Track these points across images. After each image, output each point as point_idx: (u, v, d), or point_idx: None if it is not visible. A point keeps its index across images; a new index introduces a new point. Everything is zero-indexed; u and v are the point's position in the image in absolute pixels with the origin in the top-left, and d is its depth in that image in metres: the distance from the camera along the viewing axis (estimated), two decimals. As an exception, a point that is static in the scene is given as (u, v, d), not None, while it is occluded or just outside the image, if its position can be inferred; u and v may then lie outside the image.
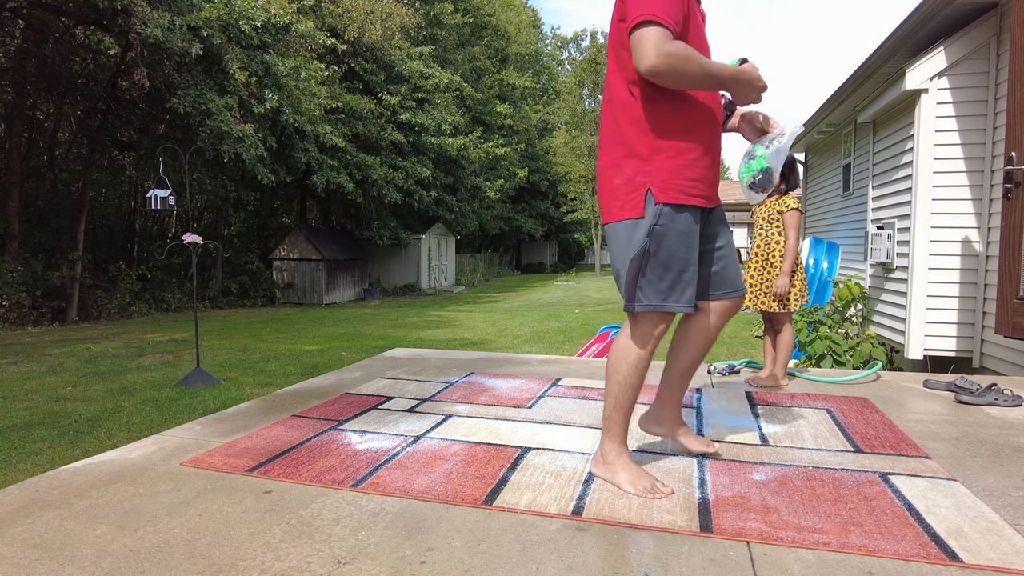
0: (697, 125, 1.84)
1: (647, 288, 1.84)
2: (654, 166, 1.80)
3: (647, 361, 1.91)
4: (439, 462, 2.12)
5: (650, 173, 1.80)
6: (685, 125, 1.82)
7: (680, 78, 1.70)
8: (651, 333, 1.88)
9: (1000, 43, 4.68)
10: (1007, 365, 4.42)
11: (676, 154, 1.81)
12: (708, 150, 1.87)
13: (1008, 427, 2.51)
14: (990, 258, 4.72)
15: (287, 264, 16.18)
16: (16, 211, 11.00)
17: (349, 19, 15.47)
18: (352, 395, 3.08)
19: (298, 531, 1.63)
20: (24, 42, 11.22)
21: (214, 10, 10.48)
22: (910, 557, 1.47)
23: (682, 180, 1.81)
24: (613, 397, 1.92)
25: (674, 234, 1.81)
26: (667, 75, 1.68)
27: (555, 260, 37.96)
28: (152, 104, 11.86)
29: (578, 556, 1.49)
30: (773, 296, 3.26)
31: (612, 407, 1.92)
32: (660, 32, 1.65)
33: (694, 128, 1.83)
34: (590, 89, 30.12)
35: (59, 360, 7.04)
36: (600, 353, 4.97)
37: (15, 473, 3.41)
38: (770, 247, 3.32)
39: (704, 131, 1.86)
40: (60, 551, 1.53)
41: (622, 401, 1.91)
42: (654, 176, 1.80)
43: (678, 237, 1.82)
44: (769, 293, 3.30)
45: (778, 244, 3.30)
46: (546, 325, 10.89)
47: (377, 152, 16.40)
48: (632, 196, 1.82)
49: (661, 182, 1.80)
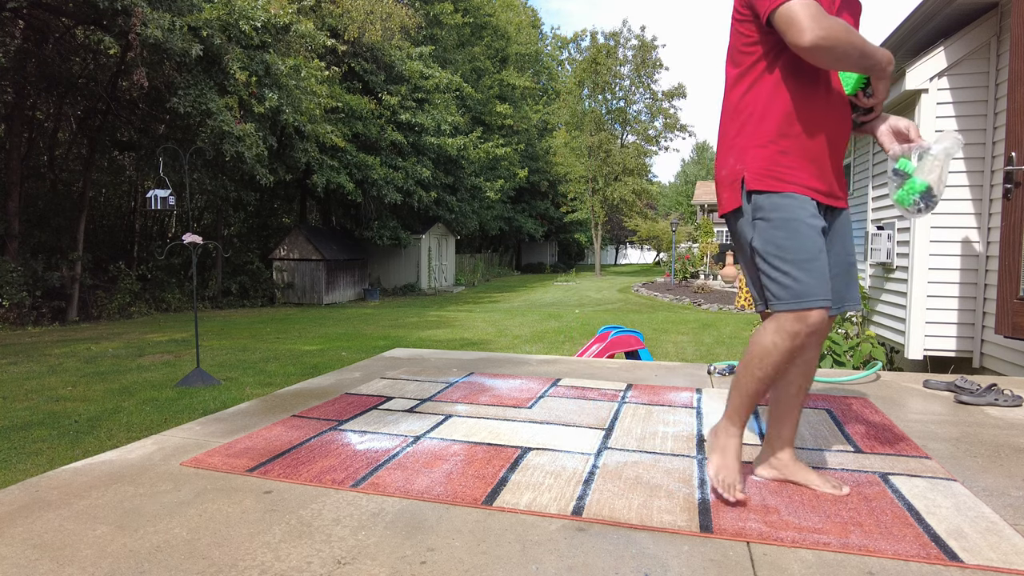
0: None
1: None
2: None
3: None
4: (439, 462, 2.12)
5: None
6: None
7: (840, 56, 1.60)
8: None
9: (1000, 43, 4.68)
10: (1007, 365, 4.42)
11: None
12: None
13: (1008, 427, 2.51)
14: (990, 258, 4.72)
15: (287, 264, 16.19)
16: (16, 211, 11.00)
17: (349, 19, 15.48)
18: (352, 395, 3.08)
19: (298, 531, 1.63)
20: (24, 42, 11.22)
21: (214, 10, 10.49)
22: (910, 557, 1.47)
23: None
24: (739, 378, 1.82)
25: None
26: (826, 50, 1.57)
27: (555, 260, 37.98)
28: (152, 104, 11.86)
29: (578, 556, 1.49)
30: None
31: (735, 388, 1.84)
32: (813, 4, 1.57)
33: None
34: (590, 89, 30.15)
35: (59, 360, 7.04)
36: (600, 353, 4.97)
37: (15, 473, 3.41)
38: None
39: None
40: (60, 551, 1.53)
41: (743, 384, 1.80)
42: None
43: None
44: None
45: None
46: (546, 325, 10.89)
47: (377, 152, 16.40)
48: None
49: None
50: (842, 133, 1.81)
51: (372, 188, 15.90)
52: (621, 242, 46.61)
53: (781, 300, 1.68)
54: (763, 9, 1.64)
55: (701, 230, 23.21)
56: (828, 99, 1.76)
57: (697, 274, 20.70)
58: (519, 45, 32.05)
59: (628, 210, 29.84)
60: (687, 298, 15.73)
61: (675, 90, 30.72)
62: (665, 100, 30.94)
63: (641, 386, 3.26)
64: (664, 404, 2.88)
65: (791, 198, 1.69)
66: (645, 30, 44.15)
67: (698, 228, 24.53)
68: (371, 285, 18.61)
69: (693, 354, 7.90)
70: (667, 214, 38.86)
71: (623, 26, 31.90)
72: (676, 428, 2.50)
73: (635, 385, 3.28)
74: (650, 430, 2.48)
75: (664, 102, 30.95)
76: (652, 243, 29.79)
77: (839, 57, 1.60)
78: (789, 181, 1.70)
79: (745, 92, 1.77)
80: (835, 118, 1.78)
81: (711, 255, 21.12)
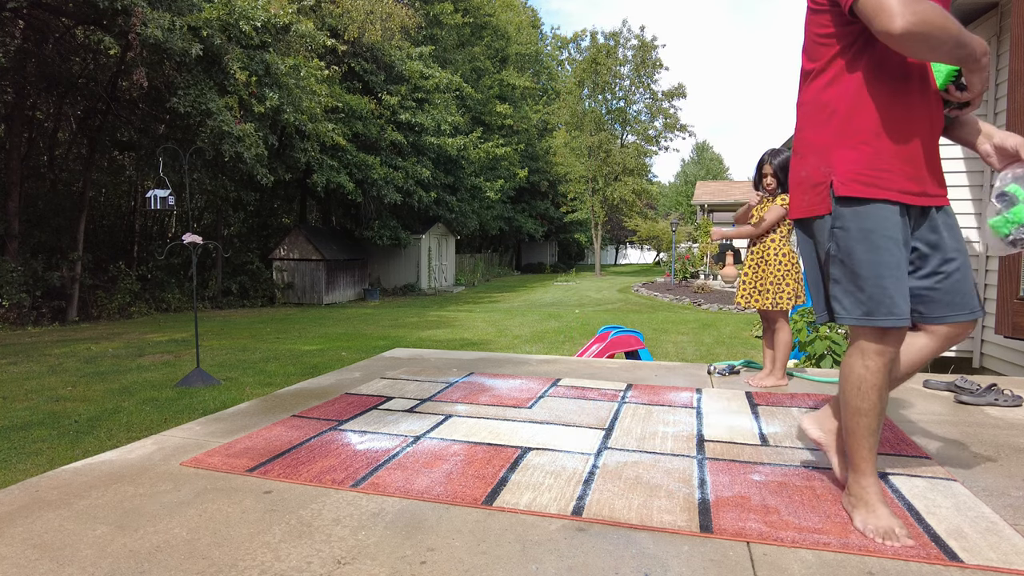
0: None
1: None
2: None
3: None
4: (439, 462, 2.12)
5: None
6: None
7: (935, 44, 1.45)
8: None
9: (1000, 43, 4.68)
10: (1007, 365, 4.42)
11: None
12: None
13: (1008, 427, 2.51)
14: (990, 258, 4.72)
15: (287, 264, 16.18)
16: (16, 211, 11.00)
17: (349, 19, 15.48)
18: (352, 395, 3.08)
19: (298, 531, 1.63)
20: (24, 42, 11.22)
21: (214, 10, 10.49)
22: (910, 557, 1.47)
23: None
24: (845, 424, 1.69)
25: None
26: (920, 38, 1.43)
27: (555, 260, 37.97)
28: (152, 104, 11.86)
29: (578, 556, 1.49)
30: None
31: (847, 435, 1.68)
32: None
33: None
34: (590, 89, 30.15)
35: (59, 360, 7.04)
36: (600, 353, 4.97)
37: (15, 473, 3.41)
38: (765, 247, 3.33)
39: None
40: (60, 551, 1.53)
41: (851, 427, 1.65)
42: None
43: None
44: (763, 292, 3.30)
45: (772, 243, 3.30)
46: (546, 325, 10.89)
47: (377, 152, 16.40)
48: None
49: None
50: (936, 129, 1.66)
51: (372, 188, 15.90)
52: (621, 242, 46.59)
53: (850, 315, 1.60)
54: (847, 4, 1.51)
55: (701, 230, 23.20)
56: (923, 93, 1.61)
57: (697, 274, 20.69)
58: (519, 45, 32.05)
59: (628, 210, 29.84)
60: (687, 298, 15.73)
61: (675, 90, 30.73)
62: (665, 100, 30.95)
63: (641, 386, 3.26)
64: (664, 404, 2.88)
65: (877, 208, 1.57)
66: (645, 30, 44.21)
67: (698, 228, 24.51)
68: (371, 285, 18.61)
69: (693, 354, 7.90)
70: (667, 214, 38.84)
71: (623, 26, 31.92)
72: (676, 428, 2.50)
73: (635, 385, 3.28)
74: (650, 430, 2.48)
75: (664, 102, 30.96)
76: (652, 243, 29.77)
77: (934, 46, 1.45)
78: (883, 187, 1.57)
79: (826, 86, 1.63)
80: (930, 114, 1.63)
81: (711, 255, 21.11)
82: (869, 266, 1.57)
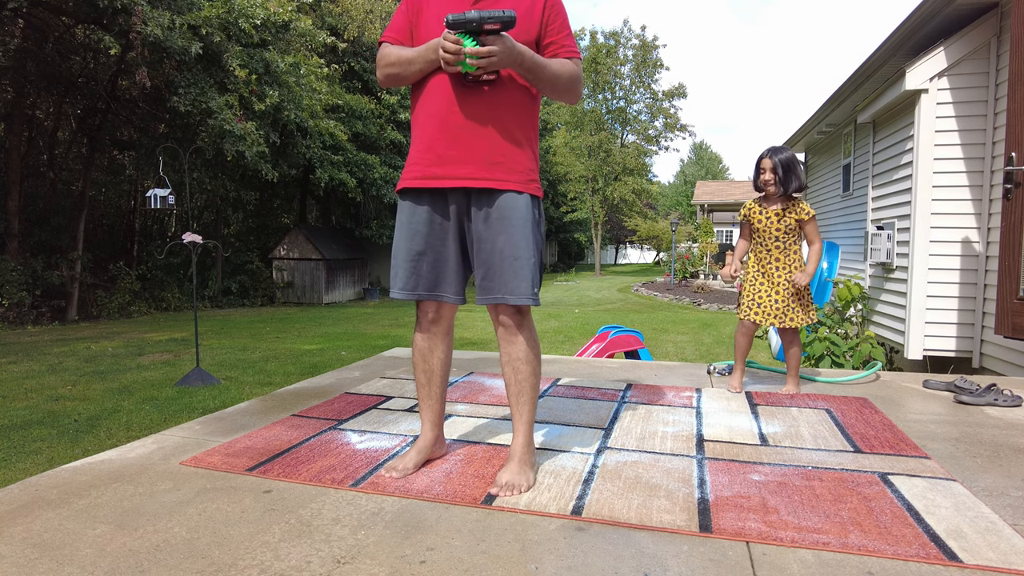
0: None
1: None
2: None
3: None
4: (439, 462, 2.12)
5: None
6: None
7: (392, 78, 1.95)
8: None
9: (1000, 43, 4.68)
10: (1007, 365, 4.42)
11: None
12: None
13: (1008, 427, 2.51)
14: (990, 258, 4.72)
15: (287, 263, 16.18)
16: (16, 210, 11.00)
17: (349, 18, 15.48)
18: (352, 395, 3.08)
19: (297, 531, 1.63)
20: (24, 41, 11.21)
21: (214, 9, 10.48)
22: (909, 557, 1.47)
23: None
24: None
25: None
26: (392, 79, 1.95)
27: (555, 260, 37.97)
28: (152, 103, 11.86)
29: (578, 556, 1.49)
30: (793, 285, 3.10)
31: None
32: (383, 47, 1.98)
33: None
34: (590, 89, 30.15)
35: (59, 359, 7.04)
36: (599, 353, 4.97)
37: (15, 472, 3.41)
38: (789, 259, 3.11)
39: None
40: (60, 550, 1.53)
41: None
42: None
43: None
44: (795, 309, 3.10)
45: (796, 255, 3.12)
46: (546, 325, 10.89)
47: (377, 152, 16.39)
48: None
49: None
50: (447, 100, 1.85)
51: (372, 187, 15.90)
52: (621, 242, 46.59)
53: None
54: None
55: (701, 230, 23.20)
56: (430, 86, 1.90)
57: (697, 274, 20.69)
58: (519, 45, 31.98)
59: (628, 210, 29.85)
60: (687, 298, 15.73)
61: (675, 90, 30.73)
62: (665, 100, 30.94)
63: (641, 386, 3.26)
64: (664, 404, 2.88)
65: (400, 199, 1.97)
66: (645, 30, 44.13)
67: (698, 228, 24.51)
68: (371, 284, 18.60)
69: (693, 354, 7.91)
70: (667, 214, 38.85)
71: (623, 26, 31.97)
72: (676, 428, 2.50)
73: (635, 385, 3.28)
74: (650, 430, 2.48)
75: (664, 102, 30.95)
76: (652, 243, 29.78)
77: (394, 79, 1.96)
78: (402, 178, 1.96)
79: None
80: (437, 95, 1.88)
81: (711, 255, 21.11)
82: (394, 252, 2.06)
